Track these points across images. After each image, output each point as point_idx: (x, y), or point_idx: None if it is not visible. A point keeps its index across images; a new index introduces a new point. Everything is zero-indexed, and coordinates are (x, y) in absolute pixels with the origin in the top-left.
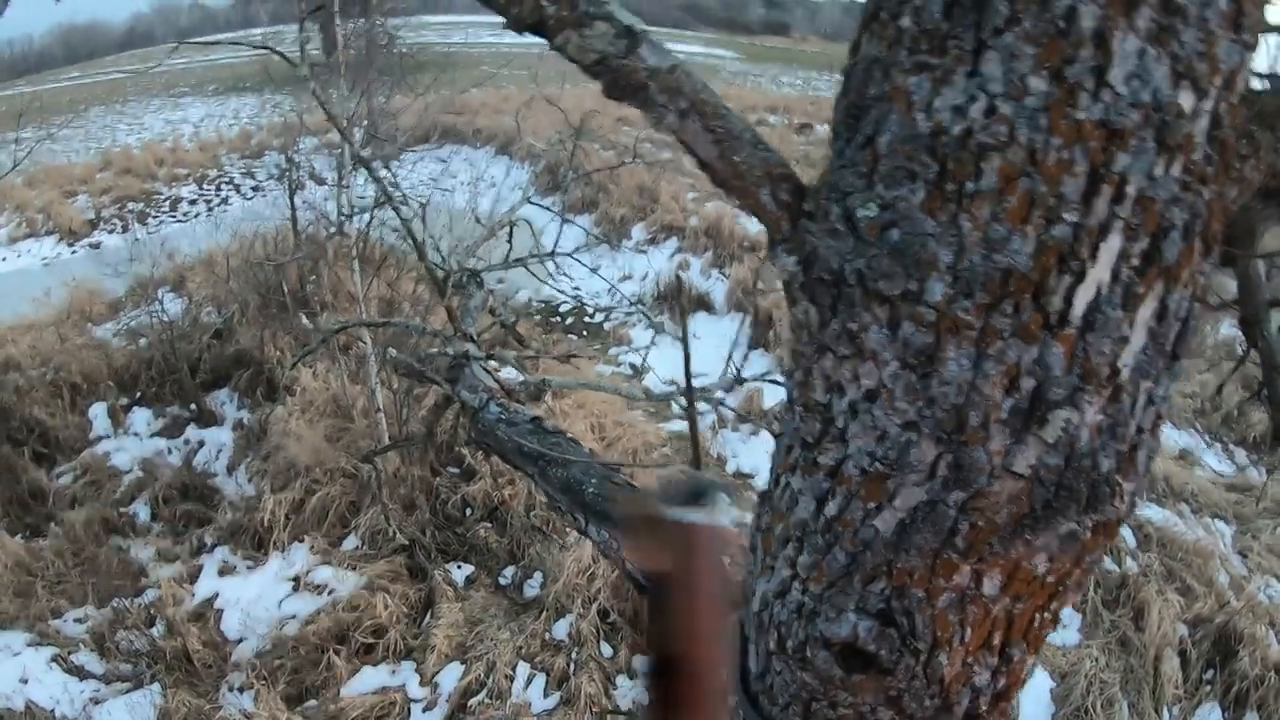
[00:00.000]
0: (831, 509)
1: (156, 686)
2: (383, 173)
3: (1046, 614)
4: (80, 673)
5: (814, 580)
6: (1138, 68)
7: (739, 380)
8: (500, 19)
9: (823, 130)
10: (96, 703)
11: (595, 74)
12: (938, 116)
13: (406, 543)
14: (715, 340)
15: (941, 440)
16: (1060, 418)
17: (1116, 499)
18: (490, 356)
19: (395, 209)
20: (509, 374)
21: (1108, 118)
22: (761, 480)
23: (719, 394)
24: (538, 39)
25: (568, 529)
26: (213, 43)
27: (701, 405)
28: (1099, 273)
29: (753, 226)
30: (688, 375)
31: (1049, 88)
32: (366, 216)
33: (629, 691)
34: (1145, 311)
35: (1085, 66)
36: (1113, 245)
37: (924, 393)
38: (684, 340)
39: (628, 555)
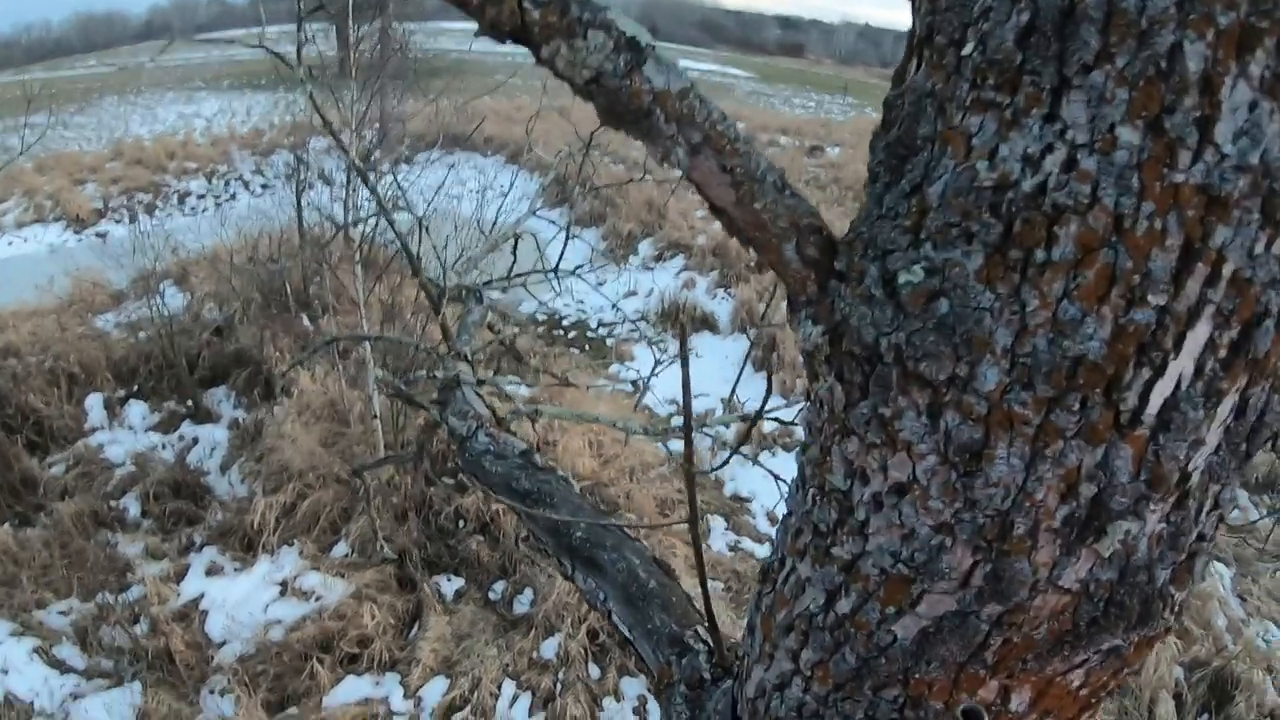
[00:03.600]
0: (844, 606)
1: (137, 685)
2: (387, 179)
3: None
4: (61, 666)
5: (818, 680)
6: (1248, 123)
7: (744, 418)
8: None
9: (834, 153)
10: (76, 698)
11: (589, 95)
12: (1004, 167)
13: (396, 553)
14: (718, 360)
15: (980, 548)
16: (1120, 529)
17: (1168, 611)
18: (483, 383)
19: (390, 223)
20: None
21: (1209, 181)
22: (759, 504)
23: (722, 429)
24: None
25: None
26: (208, 40)
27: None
28: (1181, 365)
29: None
30: (687, 423)
31: (1143, 141)
32: (371, 221)
33: (615, 715)
34: (1224, 408)
35: (1188, 118)
36: (1200, 334)
37: (964, 493)
38: (684, 386)
39: None
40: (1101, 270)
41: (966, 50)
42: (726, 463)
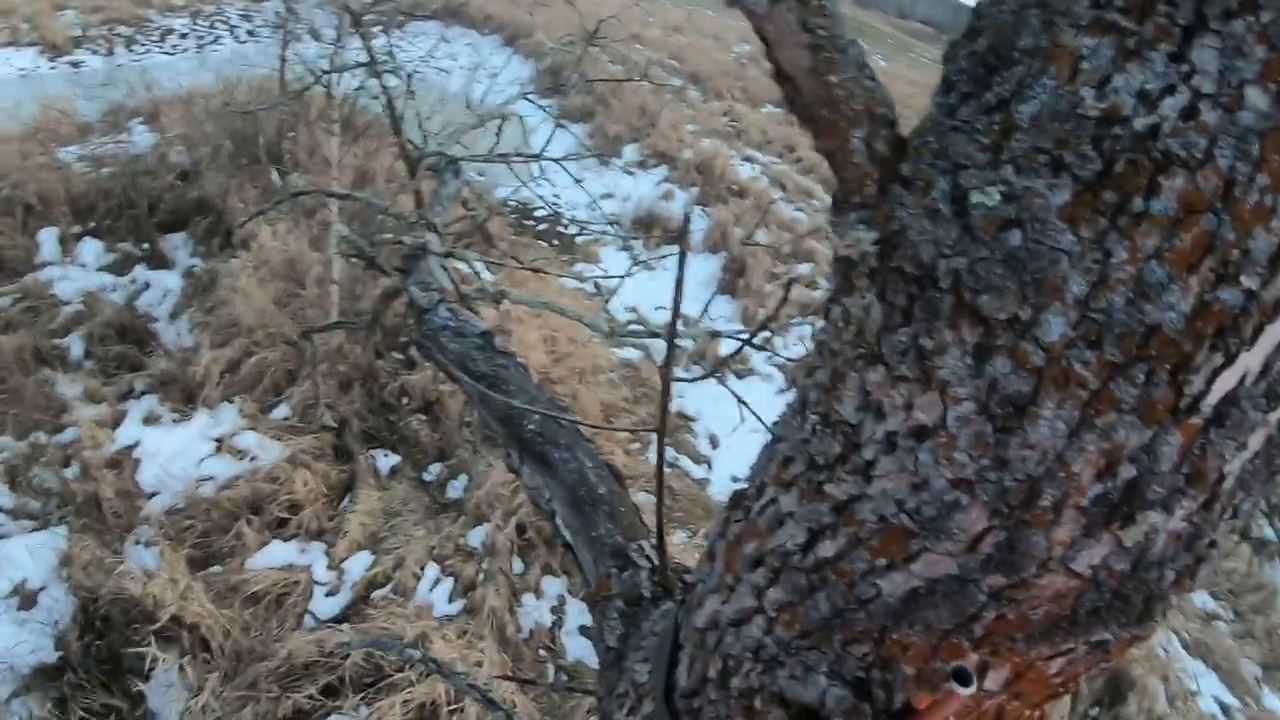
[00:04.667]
0: (828, 549)
1: (63, 529)
2: (381, 39)
3: (1036, 712)
4: None
5: (783, 623)
6: None
7: (713, 334)
8: None
9: None
10: (1, 537)
11: None
12: (1115, 99)
13: (336, 422)
14: (687, 276)
15: (998, 513)
16: (1148, 520)
17: (1162, 613)
18: (450, 254)
19: (378, 76)
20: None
21: None
22: (703, 425)
23: (688, 343)
24: None
25: None
26: None
27: (658, 342)
28: (1252, 358)
29: (744, 170)
30: (672, 329)
31: (1272, 108)
32: (355, 81)
33: (533, 611)
34: (1276, 414)
35: None
36: (1278, 330)
37: (996, 450)
38: (676, 288)
39: None
40: (1200, 236)
41: None
42: (706, 377)
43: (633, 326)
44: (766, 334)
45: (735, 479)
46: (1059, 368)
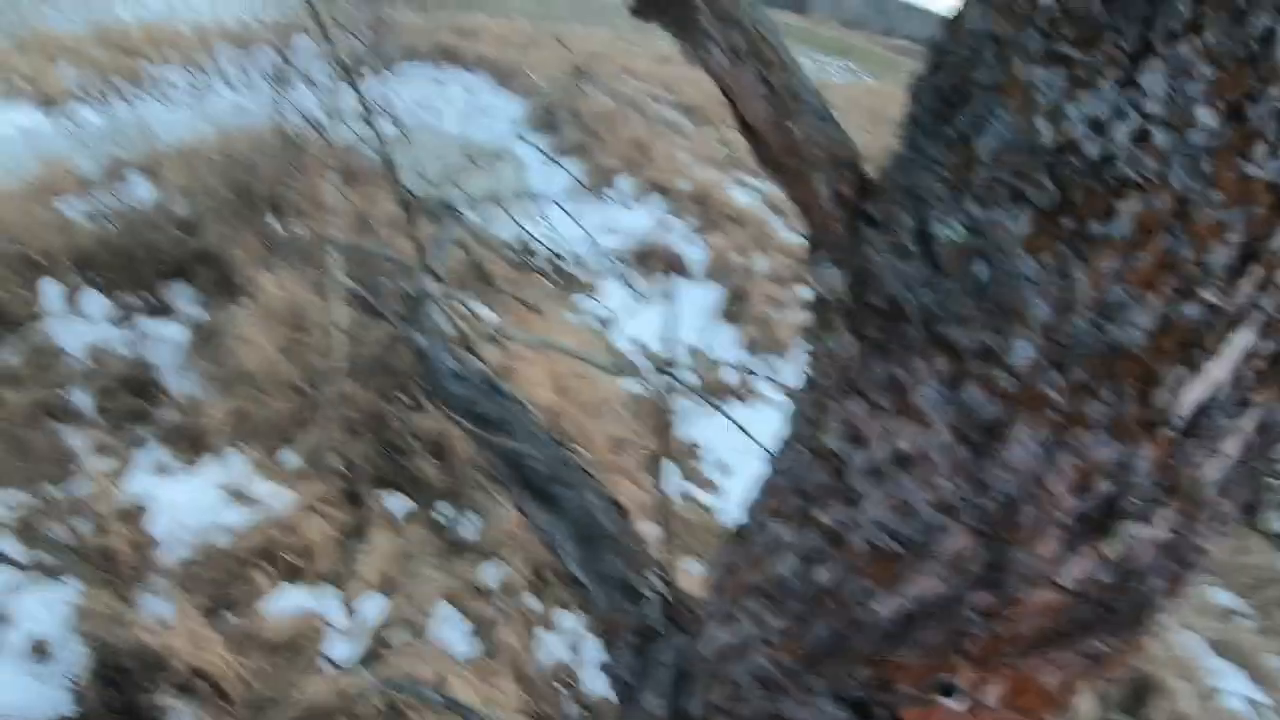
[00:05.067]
0: (822, 576)
1: (76, 582)
2: (374, 87)
3: None
4: (2, 558)
5: (784, 649)
6: None
7: (714, 364)
8: None
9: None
10: (14, 591)
11: None
12: (1067, 128)
13: (346, 467)
14: (688, 306)
15: (981, 534)
16: (1128, 532)
17: (1153, 621)
18: (451, 300)
19: (372, 127)
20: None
21: None
22: (710, 452)
23: (690, 375)
24: None
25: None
26: None
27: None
28: (1218, 370)
29: (741, 196)
30: (668, 366)
31: (1221, 126)
32: (351, 127)
33: (551, 647)
34: (1248, 422)
35: (1271, 110)
36: (1241, 340)
37: (975, 474)
38: (667, 330)
39: None
40: (1158, 255)
41: None
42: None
43: (636, 359)
44: (771, 356)
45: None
46: (1029, 392)
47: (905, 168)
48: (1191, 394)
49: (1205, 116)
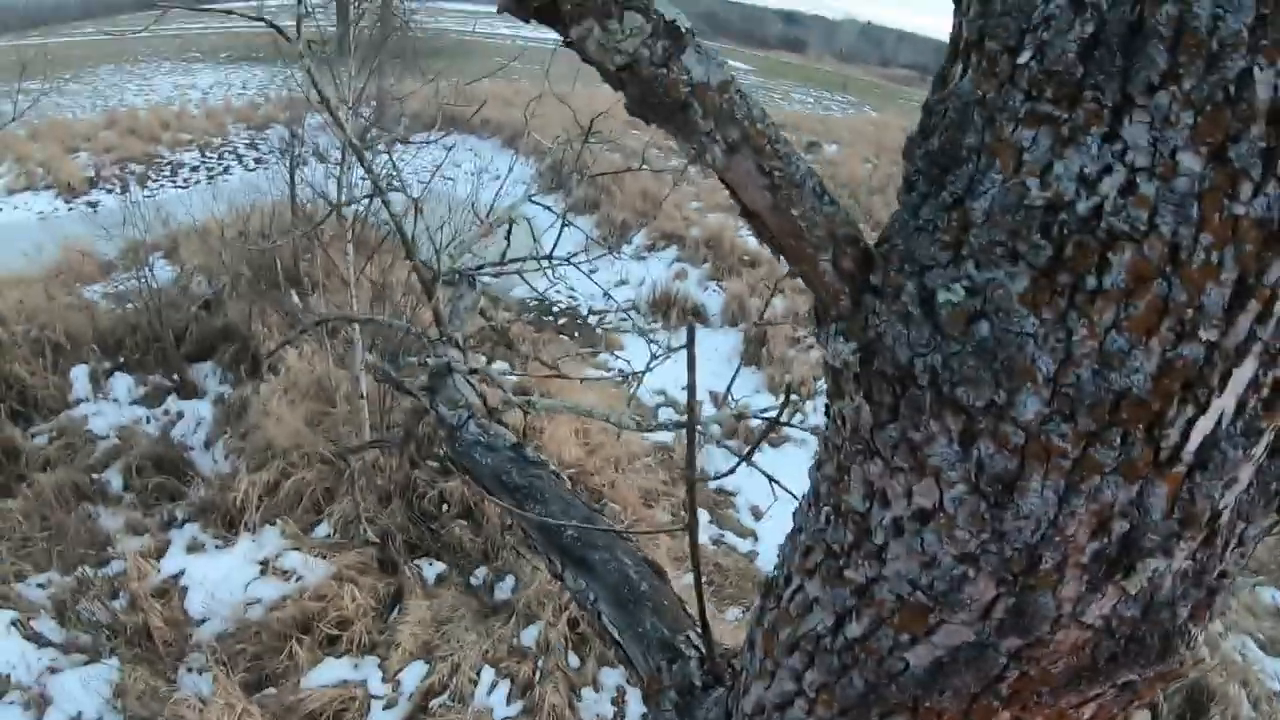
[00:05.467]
0: (854, 630)
1: (115, 661)
2: (383, 158)
3: None
4: (39, 640)
5: (822, 703)
6: None
7: (738, 416)
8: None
9: (832, 150)
10: (53, 672)
11: (620, 84)
12: (1057, 186)
13: (379, 536)
14: (708, 353)
15: (1004, 581)
16: (1149, 567)
17: (1185, 648)
18: (474, 371)
19: (385, 204)
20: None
21: (1269, 215)
22: (744, 499)
23: (714, 428)
24: (551, 31)
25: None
26: (204, 9)
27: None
28: (1224, 402)
29: (754, 241)
30: (691, 432)
31: (1205, 169)
32: (364, 200)
33: (593, 705)
34: (1258, 449)
35: (1253, 149)
36: (1246, 371)
37: (993, 524)
38: (690, 391)
39: None
40: (1153, 302)
41: (1022, 59)
42: (732, 471)
43: (661, 409)
44: (795, 398)
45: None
46: (1039, 443)
47: (904, 232)
48: (1200, 429)
49: (1189, 161)
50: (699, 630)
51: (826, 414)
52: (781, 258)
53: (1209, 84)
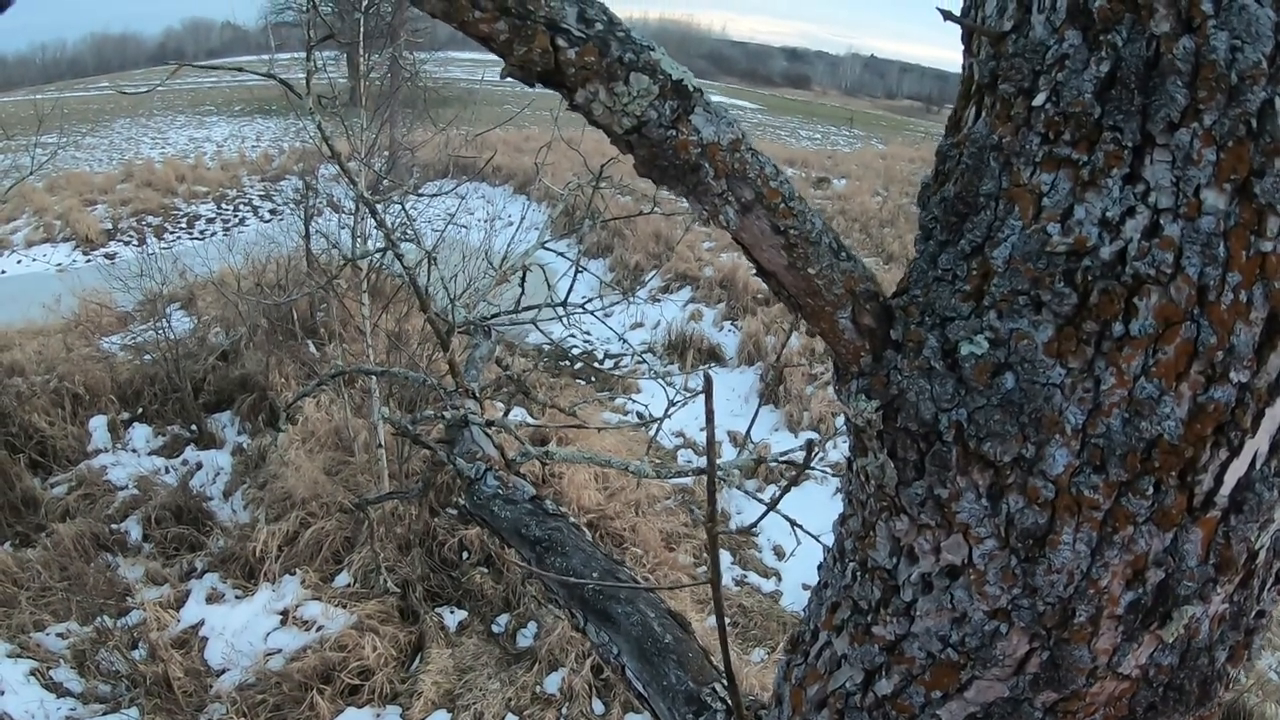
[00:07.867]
0: (884, 687)
1: (134, 711)
2: (396, 209)
3: None
4: (58, 689)
5: None
6: None
7: (758, 460)
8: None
9: (840, 185)
10: None
11: (629, 146)
12: (1079, 231)
13: (399, 584)
14: (725, 393)
15: (1038, 635)
16: (1186, 614)
17: (1224, 690)
18: (491, 423)
19: (398, 257)
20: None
21: None
22: (766, 538)
23: (735, 473)
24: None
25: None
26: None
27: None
28: (1257, 443)
29: None
30: (710, 485)
31: (1230, 206)
32: (378, 252)
33: None
34: None
35: (1278, 182)
36: (1278, 411)
37: (1024, 579)
38: (709, 444)
39: None
40: (1182, 346)
41: (1038, 100)
42: (756, 524)
43: (680, 451)
44: (813, 435)
45: (806, 586)
46: (1069, 496)
47: (923, 282)
48: (1233, 472)
49: (1213, 199)
50: (725, 683)
51: (849, 469)
52: (799, 316)
53: (1230, 118)
